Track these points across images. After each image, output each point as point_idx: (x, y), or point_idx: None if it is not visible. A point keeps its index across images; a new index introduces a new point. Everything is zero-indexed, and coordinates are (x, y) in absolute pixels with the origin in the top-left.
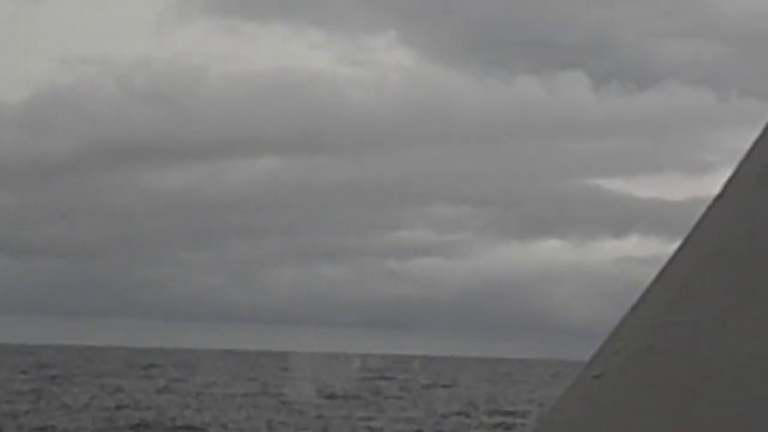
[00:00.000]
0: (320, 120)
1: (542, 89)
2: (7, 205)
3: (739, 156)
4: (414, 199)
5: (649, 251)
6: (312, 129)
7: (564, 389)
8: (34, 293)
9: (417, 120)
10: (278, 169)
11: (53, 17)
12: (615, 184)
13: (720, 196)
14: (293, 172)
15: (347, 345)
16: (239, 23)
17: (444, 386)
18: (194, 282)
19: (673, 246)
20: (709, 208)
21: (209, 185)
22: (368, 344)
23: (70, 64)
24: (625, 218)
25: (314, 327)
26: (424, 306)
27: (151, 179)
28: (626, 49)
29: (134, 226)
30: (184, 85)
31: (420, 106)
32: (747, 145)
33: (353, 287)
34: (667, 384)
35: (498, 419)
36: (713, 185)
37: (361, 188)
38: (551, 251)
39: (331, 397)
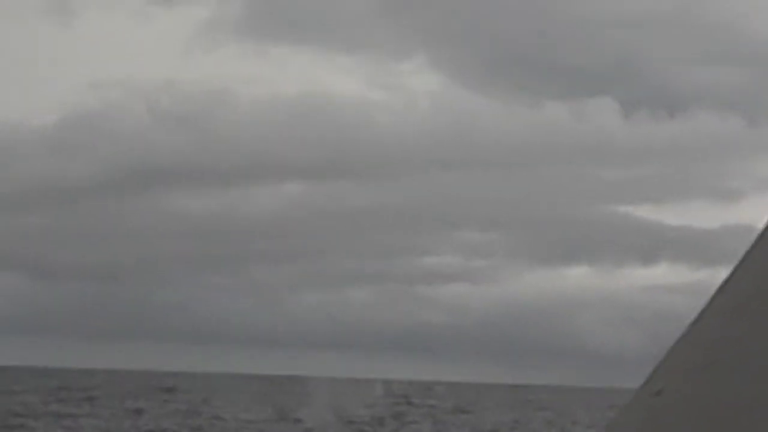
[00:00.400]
0: (347, 144)
1: (571, 115)
2: (33, 227)
3: None
4: (441, 224)
5: (678, 279)
6: (338, 153)
7: (622, 407)
8: (59, 315)
9: (444, 145)
10: (304, 194)
11: (81, 40)
12: (643, 211)
13: None
14: (319, 196)
15: (373, 370)
16: (268, 46)
17: (466, 412)
18: (218, 306)
19: (702, 274)
20: None
21: (235, 209)
22: (395, 369)
23: (98, 88)
24: (654, 246)
25: (339, 352)
26: (450, 332)
27: (176, 203)
28: (656, 75)
29: (158, 250)
30: (210, 108)
31: (448, 130)
32: None
33: (379, 312)
34: (729, 400)
35: None
36: (743, 213)
37: (388, 213)
38: (579, 278)
39: (351, 422)
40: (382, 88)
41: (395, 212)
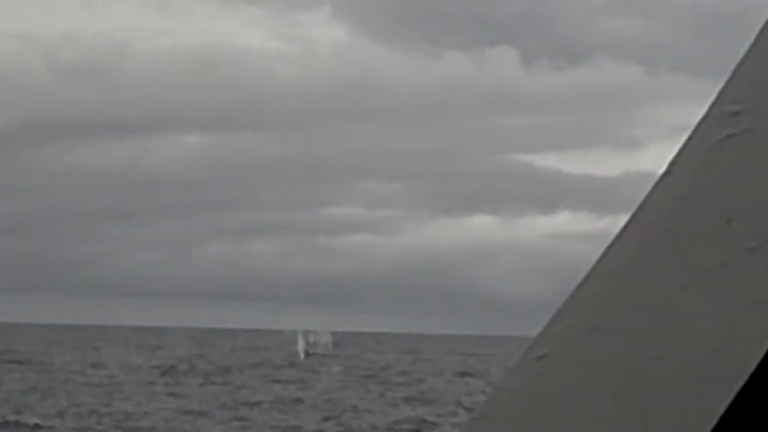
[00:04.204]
0: (249, 95)
1: (472, 65)
2: None
3: (668, 132)
4: (344, 175)
5: (579, 227)
6: (241, 105)
7: (508, 371)
8: None
9: (347, 96)
10: (207, 145)
11: None
12: (546, 161)
13: (666, 173)
14: (223, 148)
15: (278, 321)
16: None
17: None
18: (125, 258)
19: (604, 222)
20: (656, 185)
21: (138, 161)
22: (300, 320)
23: None
24: (556, 194)
25: (245, 302)
26: (354, 282)
27: (80, 155)
28: (557, 24)
29: (60, 203)
30: (111, 61)
31: (350, 82)
32: (677, 120)
33: (284, 263)
34: (614, 365)
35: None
36: (643, 160)
37: (291, 164)
38: (482, 227)
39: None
40: (286, 39)
41: (298, 163)
